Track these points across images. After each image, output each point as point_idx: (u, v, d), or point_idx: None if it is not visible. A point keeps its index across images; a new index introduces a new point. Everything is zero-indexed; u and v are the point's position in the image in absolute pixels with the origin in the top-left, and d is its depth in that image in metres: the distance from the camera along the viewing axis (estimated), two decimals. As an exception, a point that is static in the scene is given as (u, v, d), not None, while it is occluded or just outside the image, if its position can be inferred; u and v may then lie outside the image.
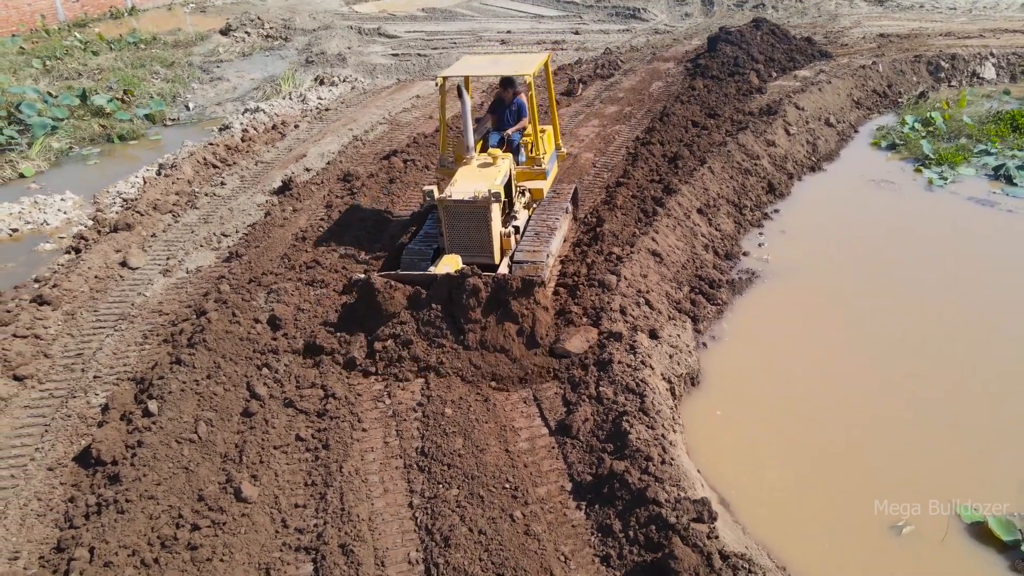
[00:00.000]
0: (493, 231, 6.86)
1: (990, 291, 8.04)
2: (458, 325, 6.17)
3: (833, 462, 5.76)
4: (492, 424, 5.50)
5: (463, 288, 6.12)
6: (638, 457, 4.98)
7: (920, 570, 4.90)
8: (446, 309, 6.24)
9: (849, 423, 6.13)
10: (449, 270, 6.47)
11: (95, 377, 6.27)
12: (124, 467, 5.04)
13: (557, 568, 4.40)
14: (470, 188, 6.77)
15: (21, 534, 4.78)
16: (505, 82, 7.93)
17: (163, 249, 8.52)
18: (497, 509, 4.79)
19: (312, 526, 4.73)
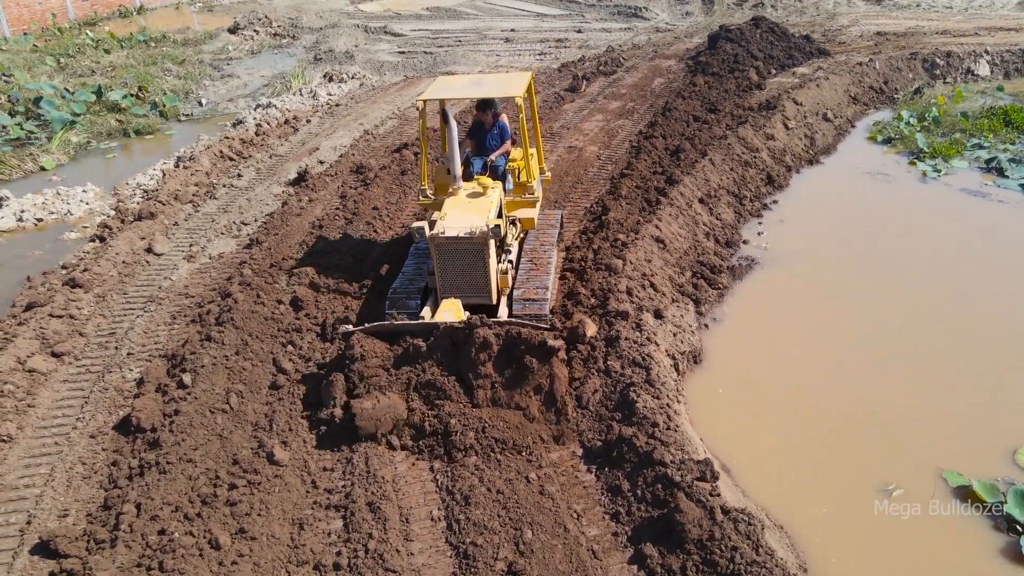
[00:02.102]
0: (490, 269, 6.26)
1: (979, 276, 8.38)
2: (464, 381, 5.53)
3: (828, 434, 6.08)
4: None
5: (472, 341, 5.47)
6: (645, 423, 5.32)
7: (908, 530, 5.22)
8: (447, 362, 5.60)
9: (843, 398, 6.46)
10: (450, 317, 5.86)
11: (128, 354, 6.61)
12: (163, 433, 5.37)
13: (570, 524, 4.74)
14: (464, 222, 6.14)
15: (68, 494, 5.11)
16: (484, 104, 7.29)
17: (186, 236, 8.86)
18: (513, 472, 5.13)
19: (340, 487, 5.06)
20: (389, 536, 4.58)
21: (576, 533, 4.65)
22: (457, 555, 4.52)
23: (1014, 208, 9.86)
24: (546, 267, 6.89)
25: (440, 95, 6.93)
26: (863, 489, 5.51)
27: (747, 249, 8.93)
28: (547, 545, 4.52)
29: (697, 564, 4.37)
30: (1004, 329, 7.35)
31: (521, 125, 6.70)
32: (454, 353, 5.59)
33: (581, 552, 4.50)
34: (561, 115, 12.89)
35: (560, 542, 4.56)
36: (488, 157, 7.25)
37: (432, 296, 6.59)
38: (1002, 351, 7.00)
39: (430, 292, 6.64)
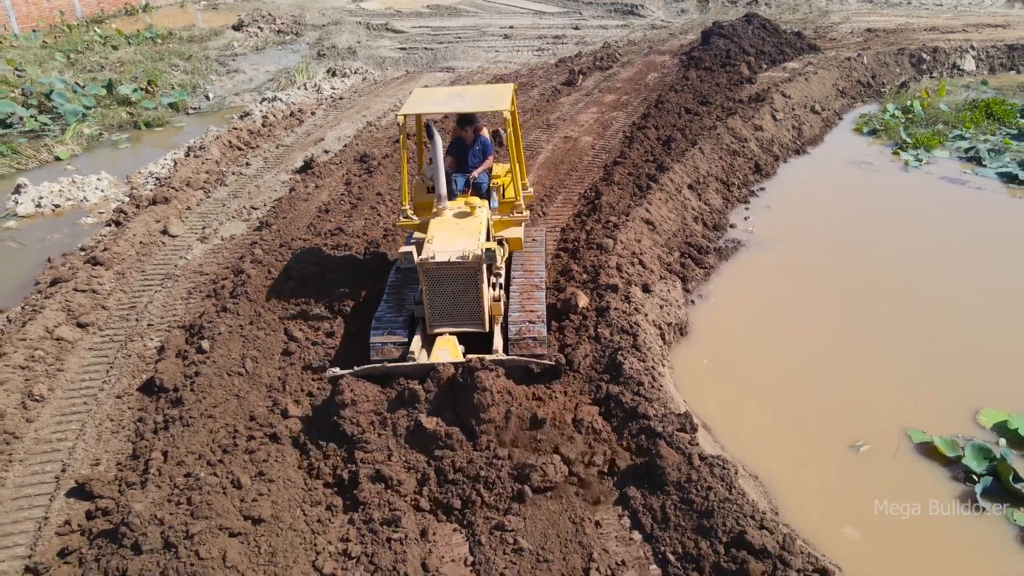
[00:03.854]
0: (483, 295, 5.88)
1: (950, 255, 8.82)
2: (464, 425, 5.16)
3: (803, 397, 6.50)
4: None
5: (474, 387, 5.11)
6: (631, 383, 5.75)
7: (875, 480, 5.65)
8: (446, 405, 5.28)
9: (818, 366, 6.88)
10: (447, 357, 5.58)
11: (148, 325, 7.04)
12: (185, 392, 5.81)
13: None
14: (454, 245, 5.75)
15: (99, 446, 5.54)
16: (466, 119, 6.86)
17: (198, 220, 9.29)
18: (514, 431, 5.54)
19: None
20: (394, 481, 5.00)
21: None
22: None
23: (990, 194, 10.29)
24: (539, 293, 6.45)
25: (423, 109, 6.47)
26: (834, 446, 5.94)
27: (734, 233, 9.36)
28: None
29: (675, 503, 4.80)
30: (970, 302, 7.79)
31: (509, 139, 6.47)
32: (452, 395, 5.25)
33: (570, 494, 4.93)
34: (558, 108, 13.32)
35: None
36: (471, 174, 6.88)
37: (420, 325, 6.11)
38: (968, 321, 7.44)
39: (417, 321, 6.14)
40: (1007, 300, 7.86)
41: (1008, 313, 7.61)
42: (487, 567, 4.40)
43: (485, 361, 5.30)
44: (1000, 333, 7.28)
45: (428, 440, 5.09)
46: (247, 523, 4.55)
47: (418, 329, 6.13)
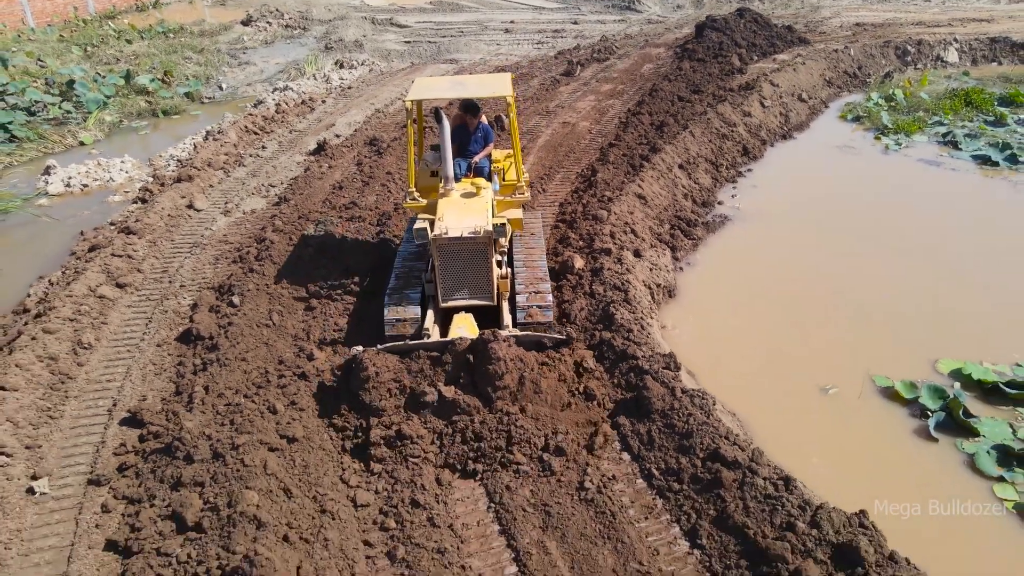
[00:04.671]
0: (492, 270, 6.22)
1: (921, 225, 9.45)
2: (481, 394, 5.47)
3: (781, 351, 7.12)
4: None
5: (488, 358, 5.41)
6: (621, 330, 6.39)
7: (841, 418, 6.27)
8: (465, 377, 5.56)
9: (796, 324, 7.51)
10: (466, 333, 5.92)
11: (181, 286, 7.68)
12: (220, 339, 6.45)
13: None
14: (465, 222, 6.07)
15: (144, 385, 6.18)
16: (469, 107, 7.13)
17: (220, 196, 9.92)
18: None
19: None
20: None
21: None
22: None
23: (962, 174, 10.94)
24: (543, 271, 6.80)
25: (428, 95, 6.74)
26: (806, 389, 6.57)
27: (721, 209, 9.99)
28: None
29: (660, 428, 5.44)
30: (935, 265, 8.45)
31: (512, 124, 6.69)
32: (469, 367, 5.54)
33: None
34: (557, 96, 13.96)
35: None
36: (473, 159, 7.19)
37: (432, 300, 6.47)
38: (931, 282, 8.09)
39: (428, 299, 6.49)
40: (968, 264, 8.51)
41: (968, 275, 8.26)
42: (493, 481, 5.04)
43: (499, 333, 5.54)
44: (960, 293, 7.93)
45: (447, 407, 5.42)
46: (283, 441, 5.19)
47: (430, 304, 6.44)
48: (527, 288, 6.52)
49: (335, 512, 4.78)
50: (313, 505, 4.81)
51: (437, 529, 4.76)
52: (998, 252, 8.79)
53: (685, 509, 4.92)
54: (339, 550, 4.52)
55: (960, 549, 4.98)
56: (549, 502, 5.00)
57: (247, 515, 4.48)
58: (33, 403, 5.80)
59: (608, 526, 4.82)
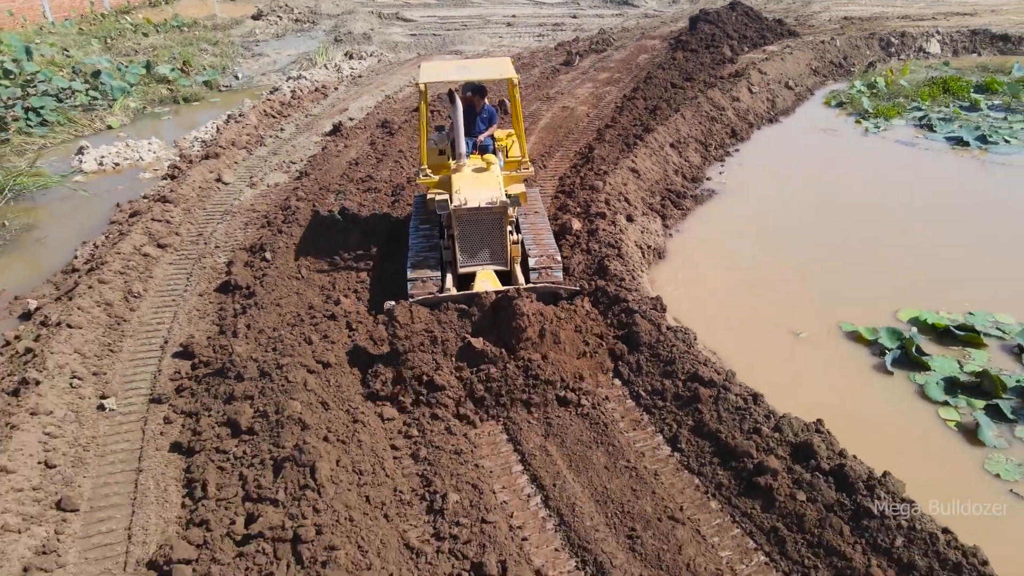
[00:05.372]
0: (507, 237, 6.71)
1: (891, 194, 10.24)
2: (504, 341, 5.94)
3: (758, 302, 7.90)
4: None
5: (514, 312, 5.88)
6: (614, 279, 7.17)
7: (809, 357, 7.05)
8: (489, 327, 6.03)
9: (773, 280, 8.30)
10: (489, 286, 6.36)
11: (216, 247, 8.46)
12: (256, 287, 7.23)
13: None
14: (481, 194, 6.54)
15: (190, 326, 6.96)
16: (475, 89, 7.61)
17: (245, 172, 10.71)
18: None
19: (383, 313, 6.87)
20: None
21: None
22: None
23: (935, 154, 11.73)
24: (549, 238, 7.34)
25: (437, 78, 7.16)
26: (779, 334, 7.35)
27: (709, 184, 10.78)
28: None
29: (647, 358, 6.22)
30: (900, 227, 9.25)
31: (516, 104, 7.13)
32: (494, 317, 6.03)
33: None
34: (556, 84, 14.74)
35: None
36: (477, 137, 7.62)
37: (450, 266, 6.91)
38: (897, 242, 8.89)
39: (446, 265, 6.96)
40: (930, 228, 9.30)
41: (929, 238, 9.05)
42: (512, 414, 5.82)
43: (521, 290, 6.05)
44: (921, 253, 8.73)
45: (475, 356, 5.89)
46: (319, 365, 5.97)
47: (448, 269, 6.91)
48: (538, 251, 7.09)
49: (366, 422, 5.57)
50: (346, 416, 5.59)
51: (454, 436, 5.54)
52: (959, 218, 9.59)
53: (667, 421, 5.70)
54: (370, 450, 5.30)
55: (904, 453, 5.75)
56: (551, 419, 5.78)
57: (293, 418, 5.26)
58: (95, 339, 6.59)
59: (601, 434, 5.61)
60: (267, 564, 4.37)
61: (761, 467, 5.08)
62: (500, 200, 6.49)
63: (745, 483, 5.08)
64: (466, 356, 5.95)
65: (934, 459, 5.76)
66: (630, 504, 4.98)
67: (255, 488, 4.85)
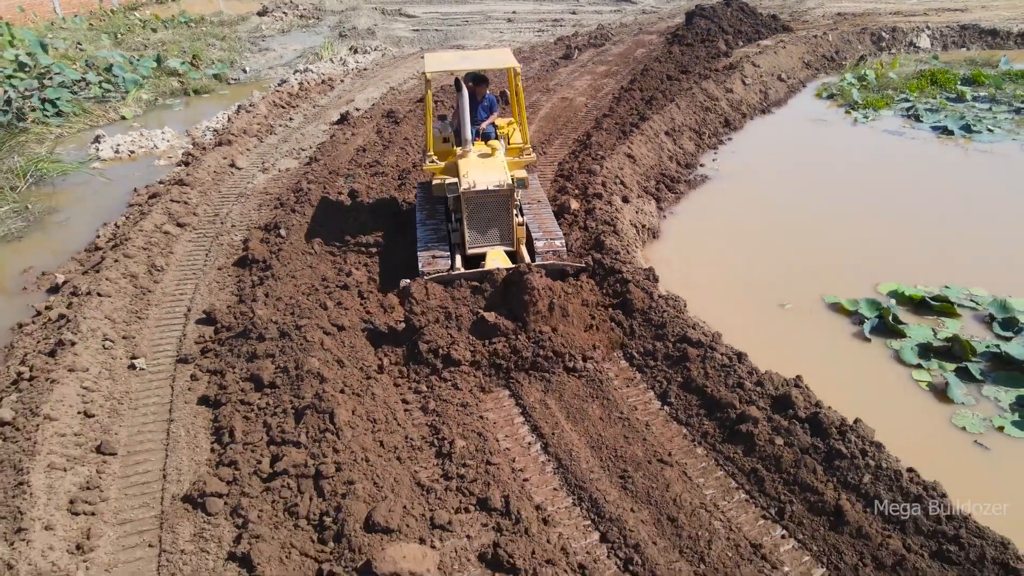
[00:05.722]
0: (513, 219, 6.98)
1: (878, 178, 10.68)
2: (515, 315, 6.25)
3: (748, 277, 8.33)
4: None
5: (525, 286, 6.21)
6: (610, 252, 7.61)
7: (795, 329, 7.48)
8: (500, 302, 6.33)
9: (761, 257, 8.73)
10: (500, 264, 6.68)
11: (232, 226, 8.91)
12: (272, 261, 7.67)
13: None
14: (489, 177, 6.79)
15: (211, 296, 7.40)
16: (478, 79, 7.81)
17: (258, 157, 11.16)
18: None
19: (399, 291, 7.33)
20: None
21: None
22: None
23: (920, 143, 12.17)
24: (552, 220, 7.74)
25: (442, 67, 7.39)
26: (767, 305, 7.79)
27: (703, 170, 11.22)
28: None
29: (640, 322, 6.66)
30: (883, 209, 9.68)
31: (519, 92, 7.42)
32: (505, 293, 6.36)
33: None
34: (556, 76, 15.19)
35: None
36: (479, 125, 7.82)
37: (459, 247, 7.16)
38: (879, 222, 9.33)
39: (454, 247, 7.22)
40: (912, 209, 9.74)
41: (910, 218, 9.50)
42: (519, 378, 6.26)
43: (532, 265, 6.40)
44: (902, 231, 9.17)
45: (488, 329, 6.22)
46: (334, 328, 6.42)
47: (456, 251, 7.17)
48: (543, 233, 7.45)
49: (378, 379, 6.02)
50: (360, 373, 6.04)
51: (460, 391, 5.98)
52: (940, 201, 10.04)
53: (658, 379, 6.15)
54: (383, 402, 5.75)
55: (877, 409, 6.17)
56: (549, 377, 6.21)
57: (312, 372, 5.71)
58: (123, 307, 7.04)
59: (596, 390, 6.05)
60: (292, 497, 4.82)
61: (743, 416, 5.53)
62: (507, 183, 6.76)
63: (728, 431, 5.53)
64: (479, 330, 6.29)
65: (905, 414, 6.20)
66: (622, 450, 5.43)
67: (279, 433, 5.30)
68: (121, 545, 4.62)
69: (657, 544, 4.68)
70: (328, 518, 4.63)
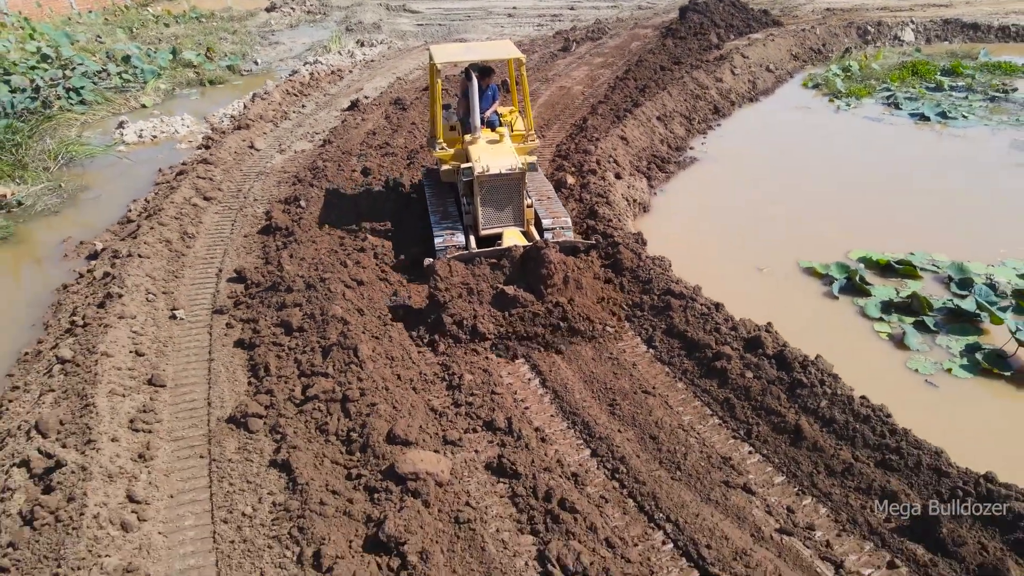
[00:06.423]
0: (524, 200, 7.34)
1: (853, 158, 11.40)
2: (532, 288, 6.65)
3: (728, 248, 9.05)
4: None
5: (542, 261, 6.60)
6: (603, 220, 8.34)
7: (770, 288, 8.21)
8: (518, 276, 6.75)
9: (741, 227, 9.46)
10: (517, 242, 7.04)
11: (254, 200, 9.63)
12: (294, 228, 8.40)
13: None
14: (501, 161, 7.11)
15: (238, 259, 8.12)
16: (483, 69, 7.99)
17: (274, 140, 11.88)
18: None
19: (412, 254, 8.05)
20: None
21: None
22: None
23: (898, 128, 12.91)
24: (555, 201, 8.15)
25: (451, 58, 7.76)
26: (744, 268, 8.52)
27: (692, 153, 11.95)
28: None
29: (629, 279, 7.39)
30: (857, 184, 10.41)
31: (523, 81, 7.73)
32: (522, 269, 6.77)
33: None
34: (554, 67, 15.92)
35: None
36: (484, 113, 8.06)
37: (471, 231, 7.49)
38: (853, 196, 10.07)
39: (467, 229, 7.54)
40: (884, 184, 10.48)
41: (883, 192, 10.23)
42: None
43: (548, 241, 6.85)
44: (874, 205, 9.92)
45: (508, 302, 6.65)
46: (354, 282, 7.14)
47: (470, 232, 7.52)
48: (549, 215, 7.83)
49: (395, 324, 6.75)
50: (378, 321, 6.76)
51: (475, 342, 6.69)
52: (912, 178, 10.78)
53: (645, 327, 6.87)
54: (399, 344, 6.48)
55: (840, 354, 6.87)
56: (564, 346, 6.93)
57: (336, 317, 6.44)
58: (161, 267, 7.77)
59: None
60: (322, 417, 5.55)
61: (718, 355, 6.26)
62: (519, 166, 7.11)
63: (705, 368, 6.26)
64: (499, 302, 6.74)
65: (865, 359, 6.92)
66: (612, 383, 6.15)
67: (308, 367, 6.03)
68: (176, 456, 5.35)
69: (640, 457, 5.40)
70: (354, 434, 5.36)
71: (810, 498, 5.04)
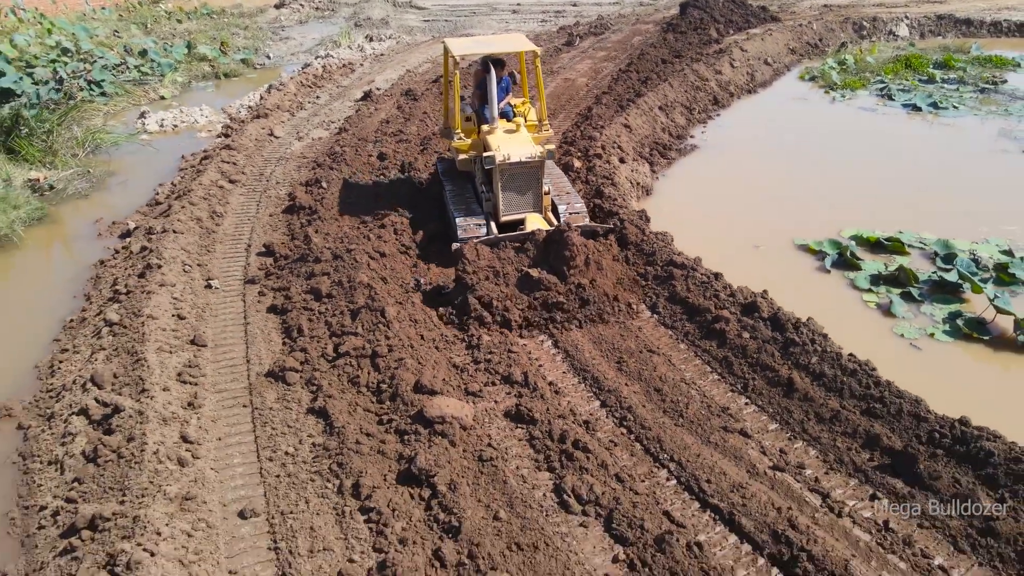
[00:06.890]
0: (542, 187, 7.57)
1: (847, 145, 11.91)
2: (556, 271, 6.91)
3: (727, 227, 9.53)
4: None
5: (565, 243, 6.91)
6: (608, 199, 8.85)
7: (766, 264, 8.70)
8: (541, 259, 7.03)
9: (739, 208, 9.96)
10: (540, 226, 7.36)
11: (276, 183, 10.13)
12: (317, 206, 8.90)
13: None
14: (521, 150, 7.31)
15: (265, 236, 8.62)
16: (496, 62, 8.04)
17: (292, 128, 12.39)
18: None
19: (430, 229, 8.53)
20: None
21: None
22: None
23: (891, 118, 13.42)
24: (570, 188, 8.39)
25: (466, 51, 7.95)
26: (742, 246, 9.01)
27: (692, 141, 12.45)
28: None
29: (634, 252, 7.89)
30: (851, 169, 10.91)
31: (537, 73, 8.03)
32: (545, 252, 7.05)
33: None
34: (559, 61, 16.42)
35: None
36: (499, 104, 8.11)
37: (490, 217, 7.72)
38: (846, 179, 10.57)
39: (486, 216, 7.76)
40: (876, 169, 10.97)
41: (875, 176, 10.73)
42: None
43: (571, 224, 7.16)
44: (866, 188, 10.42)
45: (532, 284, 6.93)
46: (377, 254, 7.65)
47: (490, 218, 7.75)
48: (562, 201, 8.12)
49: (415, 291, 7.25)
50: (400, 289, 7.26)
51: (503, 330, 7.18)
52: (903, 163, 11.28)
53: (649, 294, 7.37)
54: (421, 308, 6.98)
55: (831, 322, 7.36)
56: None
57: (363, 283, 6.94)
58: (194, 242, 8.27)
59: (597, 303, 7.26)
60: (353, 371, 6.06)
61: (718, 318, 6.76)
62: (539, 154, 7.32)
63: (705, 330, 6.76)
64: (524, 284, 7.02)
65: (854, 325, 7.41)
66: (619, 343, 6.65)
67: (338, 328, 6.53)
68: (221, 405, 5.85)
69: (646, 407, 5.90)
70: (384, 385, 5.86)
71: (801, 442, 5.54)
